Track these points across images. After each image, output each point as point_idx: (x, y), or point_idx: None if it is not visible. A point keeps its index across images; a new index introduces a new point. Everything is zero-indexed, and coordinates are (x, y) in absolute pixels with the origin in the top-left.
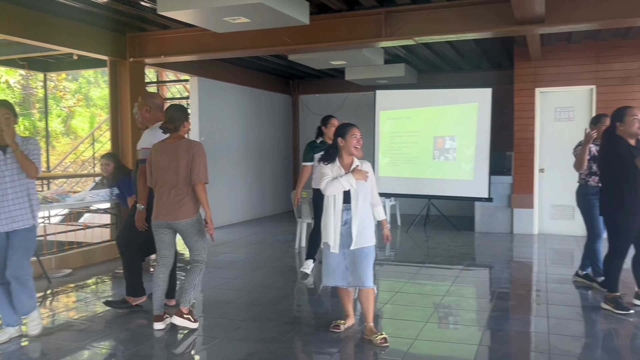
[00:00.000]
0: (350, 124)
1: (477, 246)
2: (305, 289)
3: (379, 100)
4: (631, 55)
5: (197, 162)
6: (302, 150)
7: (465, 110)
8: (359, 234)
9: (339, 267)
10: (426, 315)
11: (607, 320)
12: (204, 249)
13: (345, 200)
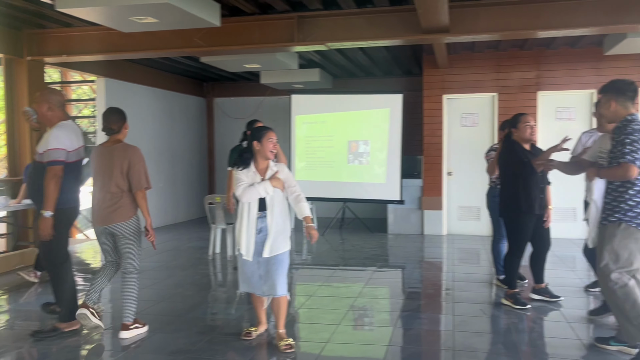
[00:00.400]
0: (266, 127)
1: (389, 247)
2: (219, 296)
3: (295, 104)
4: (528, 65)
5: (136, 169)
6: (219, 154)
7: (377, 116)
8: (274, 242)
9: (254, 276)
10: (339, 317)
11: (507, 315)
12: (137, 256)
13: (261, 208)
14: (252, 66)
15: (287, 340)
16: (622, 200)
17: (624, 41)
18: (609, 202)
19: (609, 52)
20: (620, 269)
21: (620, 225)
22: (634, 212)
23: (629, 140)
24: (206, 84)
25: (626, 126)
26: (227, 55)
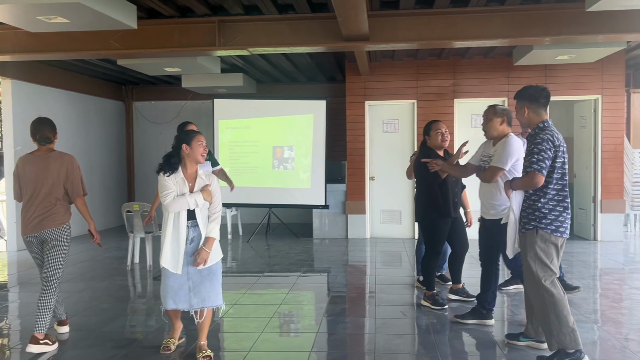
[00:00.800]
0: (195, 131)
1: (315, 252)
2: (138, 308)
3: (218, 109)
4: (445, 74)
5: (74, 177)
6: (139, 160)
7: (302, 121)
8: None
9: (182, 289)
10: (262, 325)
11: (426, 316)
12: (62, 266)
13: (191, 217)
14: (173, 70)
15: (207, 352)
16: (536, 208)
17: (530, 52)
18: (524, 210)
19: (518, 63)
20: (549, 275)
21: (537, 232)
22: (547, 219)
23: (536, 150)
24: (125, 87)
25: (536, 135)
26: (146, 58)
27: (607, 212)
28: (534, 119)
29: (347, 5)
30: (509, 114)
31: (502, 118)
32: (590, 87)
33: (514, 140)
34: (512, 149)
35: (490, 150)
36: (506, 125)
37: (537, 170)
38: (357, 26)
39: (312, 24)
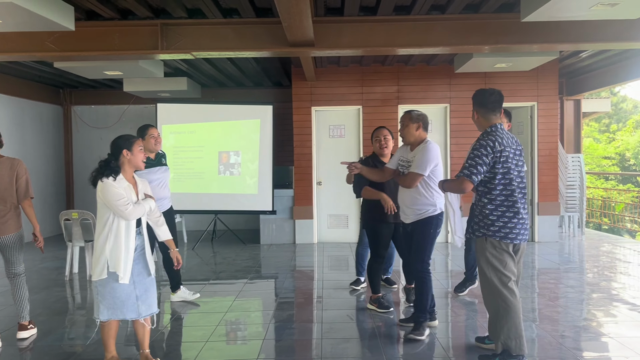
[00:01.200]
0: (134, 136)
1: (262, 258)
2: (77, 320)
3: (161, 113)
4: (390, 80)
5: (23, 180)
6: (78, 166)
7: (248, 126)
8: (149, 258)
9: (130, 298)
10: (207, 334)
11: (372, 319)
12: (23, 261)
13: (137, 224)
14: (113, 73)
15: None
16: (484, 215)
17: (470, 60)
18: (475, 217)
19: (459, 70)
20: (504, 280)
21: (486, 240)
22: (495, 226)
23: (472, 155)
24: (63, 90)
25: (478, 140)
26: (85, 61)
27: (544, 214)
28: (483, 123)
29: (292, 10)
30: (425, 120)
31: (417, 124)
32: (526, 94)
33: (433, 146)
34: (431, 155)
35: (409, 156)
36: (422, 130)
37: (467, 175)
38: (302, 32)
39: (258, 29)
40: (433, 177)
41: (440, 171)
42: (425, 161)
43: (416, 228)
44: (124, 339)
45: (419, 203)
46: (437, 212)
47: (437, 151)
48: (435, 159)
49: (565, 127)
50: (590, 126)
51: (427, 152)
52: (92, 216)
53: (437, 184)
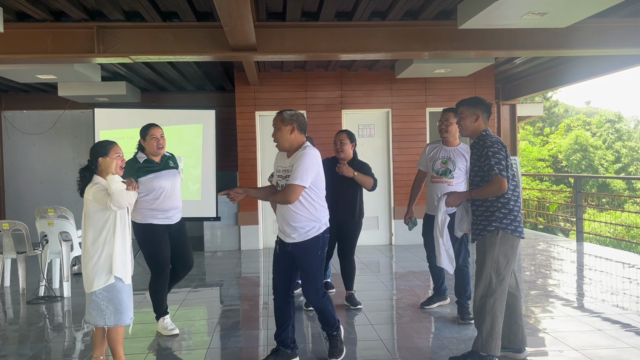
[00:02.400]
0: (111, 142)
1: (206, 265)
2: (9, 335)
3: (99, 119)
4: (333, 85)
5: None
6: (10, 174)
7: (190, 131)
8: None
9: (130, 300)
10: (147, 344)
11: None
12: None
13: None
14: (47, 77)
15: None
16: (496, 209)
17: (411, 66)
18: (481, 214)
19: (400, 75)
20: (501, 279)
21: (498, 233)
22: (508, 219)
23: (491, 153)
24: None
25: (485, 139)
26: (16, 64)
27: None
28: (481, 127)
29: (233, 15)
30: (300, 120)
31: (291, 125)
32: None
33: (311, 152)
34: (310, 162)
35: (286, 164)
36: (298, 132)
37: (499, 174)
38: (244, 36)
39: (198, 33)
40: (314, 188)
41: (322, 181)
42: (304, 170)
43: (300, 252)
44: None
45: (301, 220)
46: (323, 229)
47: (317, 157)
48: (315, 167)
49: (502, 131)
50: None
51: (305, 159)
52: (24, 227)
53: (319, 196)
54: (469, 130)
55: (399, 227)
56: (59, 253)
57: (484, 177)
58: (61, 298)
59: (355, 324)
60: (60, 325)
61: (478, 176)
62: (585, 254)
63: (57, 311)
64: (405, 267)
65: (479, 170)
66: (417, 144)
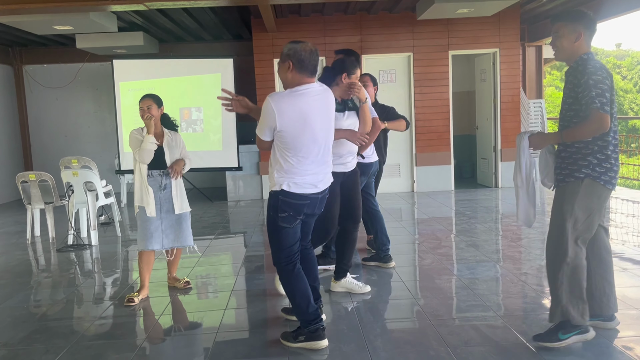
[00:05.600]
0: (143, 96)
1: (229, 215)
2: (42, 281)
3: (118, 70)
4: (352, 29)
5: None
6: (35, 127)
7: (209, 81)
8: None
9: (157, 231)
10: (173, 290)
11: None
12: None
13: (162, 166)
14: (63, 28)
15: (184, 278)
16: (590, 152)
17: (432, 6)
18: (569, 156)
19: (421, 17)
20: (578, 236)
21: (584, 181)
22: (603, 167)
23: (592, 82)
24: (12, 49)
25: (586, 64)
26: (31, 14)
27: (506, 161)
28: (582, 48)
29: None
30: (298, 56)
31: (288, 62)
32: (488, 40)
33: (271, 99)
34: (263, 112)
35: None
36: (296, 73)
37: (601, 108)
38: None
39: None
40: (279, 142)
41: (292, 134)
42: (261, 120)
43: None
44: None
45: (270, 170)
46: (283, 188)
47: (277, 105)
48: (267, 118)
49: (527, 74)
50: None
51: (262, 108)
52: (50, 177)
53: (288, 152)
54: (566, 52)
55: (421, 174)
56: (85, 203)
57: (579, 112)
58: (89, 246)
59: (377, 268)
60: (90, 271)
61: (572, 110)
62: (612, 197)
63: (86, 258)
64: (427, 212)
65: (573, 103)
66: (439, 89)
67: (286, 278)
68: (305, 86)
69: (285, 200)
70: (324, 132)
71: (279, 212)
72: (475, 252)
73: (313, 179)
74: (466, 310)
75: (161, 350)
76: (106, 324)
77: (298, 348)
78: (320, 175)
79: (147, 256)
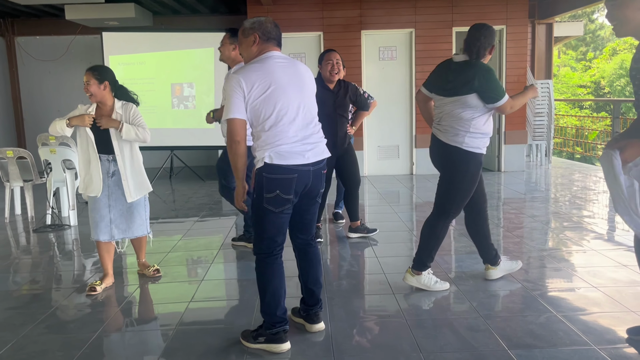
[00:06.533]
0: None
1: (219, 195)
2: (22, 262)
3: (107, 43)
4: (352, 4)
5: None
6: (27, 101)
7: (202, 56)
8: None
9: (103, 220)
10: (143, 278)
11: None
12: None
13: (110, 151)
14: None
15: (154, 266)
16: None
17: None
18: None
19: None
20: None
21: None
22: None
23: None
24: (4, 20)
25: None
26: None
27: (511, 144)
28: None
29: None
30: (263, 27)
31: (253, 36)
32: (495, 17)
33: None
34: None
35: None
36: (260, 41)
37: None
38: None
39: None
40: (254, 114)
41: (264, 98)
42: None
43: None
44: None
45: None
46: (259, 165)
47: (242, 74)
48: (235, 91)
49: (536, 53)
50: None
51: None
52: (29, 154)
53: (262, 122)
54: (630, 25)
55: (421, 156)
56: (64, 181)
57: None
58: (68, 227)
59: (365, 256)
60: (63, 254)
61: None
62: None
63: (63, 239)
64: (424, 197)
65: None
66: None
67: (261, 271)
68: (272, 52)
69: (269, 177)
70: (299, 94)
71: (265, 192)
72: (467, 242)
73: (299, 147)
74: (447, 309)
75: (110, 348)
76: (62, 315)
77: (257, 349)
78: (308, 145)
79: (104, 244)
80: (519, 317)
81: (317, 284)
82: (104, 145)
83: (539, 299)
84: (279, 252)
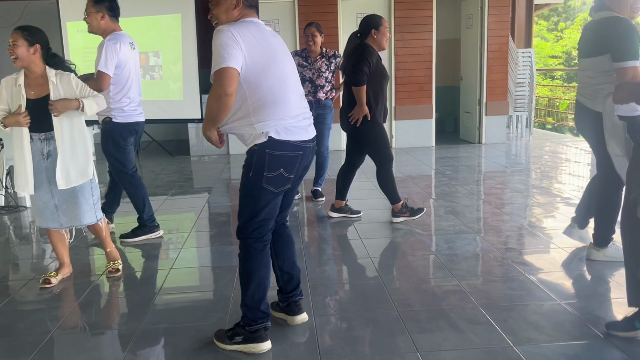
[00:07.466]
0: None
1: (190, 172)
2: None
3: (64, 8)
4: None
5: None
6: None
7: (168, 22)
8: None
9: (47, 208)
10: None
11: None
12: None
13: (46, 128)
14: None
15: (117, 262)
16: None
17: None
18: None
19: None
20: None
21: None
22: None
23: None
24: None
25: None
26: None
27: (492, 115)
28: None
29: None
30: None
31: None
32: None
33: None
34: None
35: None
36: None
37: None
38: None
39: None
40: (251, 80)
41: (263, 61)
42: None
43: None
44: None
45: (241, 131)
46: (260, 140)
47: (237, 30)
48: (232, 44)
49: (516, 21)
50: (540, 24)
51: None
52: None
53: (263, 90)
54: None
55: (400, 129)
56: None
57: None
58: (24, 208)
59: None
60: (15, 240)
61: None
62: None
63: (17, 223)
64: (404, 171)
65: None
66: (421, 36)
67: (249, 258)
68: (254, 18)
69: (273, 154)
70: (290, 64)
71: (266, 171)
72: (455, 220)
73: (302, 122)
74: (442, 298)
75: (63, 353)
76: (11, 313)
77: (233, 351)
78: (307, 120)
79: (54, 232)
80: (519, 308)
81: (294, 267)
82: (38, 122)
83: (540, 284)
84: (269, 238)
